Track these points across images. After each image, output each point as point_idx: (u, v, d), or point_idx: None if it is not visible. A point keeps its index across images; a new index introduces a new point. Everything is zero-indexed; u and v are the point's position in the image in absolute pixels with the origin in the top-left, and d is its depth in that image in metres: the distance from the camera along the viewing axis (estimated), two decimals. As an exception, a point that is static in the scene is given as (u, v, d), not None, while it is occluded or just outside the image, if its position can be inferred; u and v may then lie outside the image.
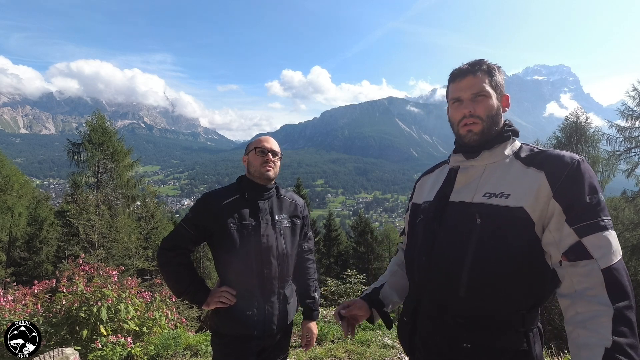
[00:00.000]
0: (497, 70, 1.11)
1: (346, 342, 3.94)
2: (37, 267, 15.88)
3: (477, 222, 1.01)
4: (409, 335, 1.19)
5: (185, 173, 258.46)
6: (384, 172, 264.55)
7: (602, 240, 0.88)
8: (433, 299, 1.10)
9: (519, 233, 0.96)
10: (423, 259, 1.12)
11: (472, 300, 1.01)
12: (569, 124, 13.68)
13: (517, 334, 1.00)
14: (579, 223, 0.90)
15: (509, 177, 1.02)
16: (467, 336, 1.02)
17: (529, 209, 0.96)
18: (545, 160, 1.00)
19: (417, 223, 1.22)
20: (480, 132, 1.08)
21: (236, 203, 1.61)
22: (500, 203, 0.99)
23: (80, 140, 16.71)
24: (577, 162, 0.96)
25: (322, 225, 24.74)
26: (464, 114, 1.08)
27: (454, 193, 1.11)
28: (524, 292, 0.99)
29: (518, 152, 1.08)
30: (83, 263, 4.32)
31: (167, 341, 3.64)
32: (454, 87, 1.11)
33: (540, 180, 0.97)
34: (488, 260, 0.98)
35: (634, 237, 11.31)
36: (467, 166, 1.11)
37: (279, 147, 1.74)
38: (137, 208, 18.46)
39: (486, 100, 1.07)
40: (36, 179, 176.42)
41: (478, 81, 1.07)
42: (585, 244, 0.89)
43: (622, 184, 13.55)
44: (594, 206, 0.91)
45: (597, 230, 0.89)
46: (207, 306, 1.59)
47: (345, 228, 35.09)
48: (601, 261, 0.87)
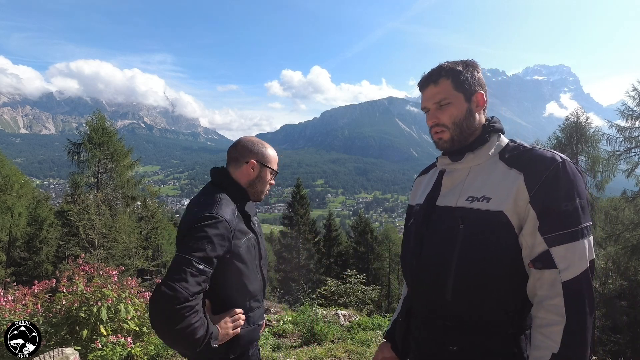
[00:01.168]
0: (465, 68, 1.06)
1: (346, 342, 3.94)
2: (37, 267, 15.87)
3: (460, 227, 1.01)
4: (403, 335, 1.21)
5: (185, 173, 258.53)
6: (384, 172, 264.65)
7: (570, 251, 0.90)
8: (423, 301, 1.11)
9: (501, 237, 0.96)
10: (413, 262, 1.13)
11: (459, 304, 1.01)
12: (569, 124, 13.68)
13: (506, 337, 0.99)
14: (550, 233, 0.91)
15: (492, 179, 1.02)
16: (455, 339, 1.02)
17: (509, 213, 0.95)
18: (527, 161, 0.98)
19: (409, 226, 1.23)
20: (450, 139, 1.08)
21: (237, 218, 1.38)
22: (481, 207, 0.99)
23: (81, 140, 16.71)
24: (557, 165, 0.93)
25: (322, 225, 24.74)
26: (429, 124, 1.10)
27: (440, 197, 1.11)
28: (510, 295, 0.99)
29: (503, 152, 1.05)
30: (83, 263, 4.32)
31: (167, 341, 3.63)
32: (422, 97, 1.12)
33: (519, 183, 0.96)
34: (472, 265, 0.98)
35: (634, 237, 11.30)
36: (452, 169, 1.11)
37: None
38: (137, 208, 18.47)
39: (450, 108, 1.06)
40: (36, 179, 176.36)
41: (439, 89, 1.06)
42: (552, 254, 0.91)
43: (622, 184, 13.56)
44: (569, 214, 0.91)
45: (566, 240, 0.90)
46: (225, 339, 1.31)
47: (345, 228, 35.12)
48: (564, 273, 0.89)
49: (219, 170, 1.50)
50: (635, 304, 10.93)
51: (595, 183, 13.25)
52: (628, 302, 11.17)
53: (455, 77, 1.05)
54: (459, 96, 1.06)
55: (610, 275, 11.95)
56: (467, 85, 1.06)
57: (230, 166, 1.50)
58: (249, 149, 1.48)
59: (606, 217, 12.42)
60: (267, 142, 1.57)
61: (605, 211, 12.52)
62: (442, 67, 1.07)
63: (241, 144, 1.49)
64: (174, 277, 1.12)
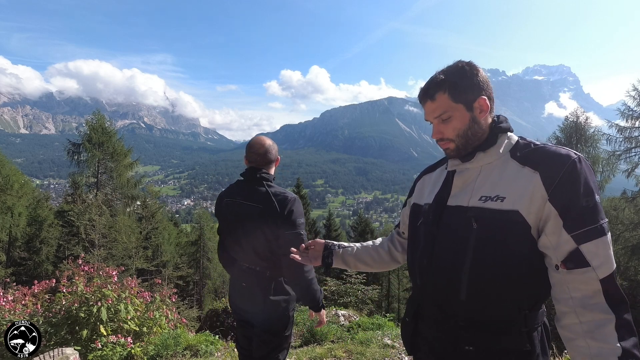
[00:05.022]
0: (462, 74, 1.03)
1: (346, 342, 3.94)
2: (37, 267, 15.86)
3: (473, 227, 1.00)
4: (411, 336, 1.20)
5: (185, 173, 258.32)
6: (384, 172, 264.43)
7: (600, 247, 0.88)
8: (435, 301, 1.10)
9: (516, 236, 0.95)
10: (424, 262, 1.12)
11: (473, 304, 1.00)
12: (569, 124, 13.68)
13: (519, 335, 0.99)
14: (577, 230, 0.89)
15: (505, 178, 1.00)
16: (469, 338, 1.02)
17: (524, 212, 0.94)
18: (540, 159, 0.97)
19: (417, 226, 1.21)
20: (456, 149, 1.08)
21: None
22: (495, 207, 0.97)
23: (80, 140, 16.72)
24: (573, 161, 0.93)
25: (322, 225, 24.72)
26: (435, 138, 1.10)
27: (452, 197, 1.10)
28: (525, 293, 0.98)
29: (514, 149, 1.04)
30: (83, 263, 4.32)
31: (167, 341, 3.64)
32: (424, 110, 1.11)
33: (535, 182, 0.94)
34: (487, 264, 0.98)
35: (634, 237, 11.31)
36: (463, 169, 1.10)
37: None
38: (137, 208, 18.46)
39: (452, 121, 1.05)
40: (36, 179, 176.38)
41: (437, 105, 1.05)
42: (583, 251, 0.89)
43: (622, 184, 13.56)
44: (591, 210, 0.90)
45: (594, 236, 0.88)
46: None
47: (345, 228, 35.13)
48: (599, 270, 0.88)
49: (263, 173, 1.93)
50: (635, 304, 10.93)
51: (596, 183, 13.24)
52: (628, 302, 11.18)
53: (452, 88, 1.03)
54: (459, 107, 1.04)
55: (610, 275, 11.96)
56: (466, 94, 1.03)
57: (269, 167, 1.93)
58: (277, 149, 1.96)
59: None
60: None
61: (605, 211, 12.46)
62: (437, 81, 1.04)
63: (275, 148, 1.94)
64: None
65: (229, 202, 1.91)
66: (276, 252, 1.77)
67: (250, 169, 1.89)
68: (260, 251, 1.79)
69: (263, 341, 1.83)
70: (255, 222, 1.78)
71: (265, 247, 1.78)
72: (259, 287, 1.81)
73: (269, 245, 1.77)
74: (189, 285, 21.14)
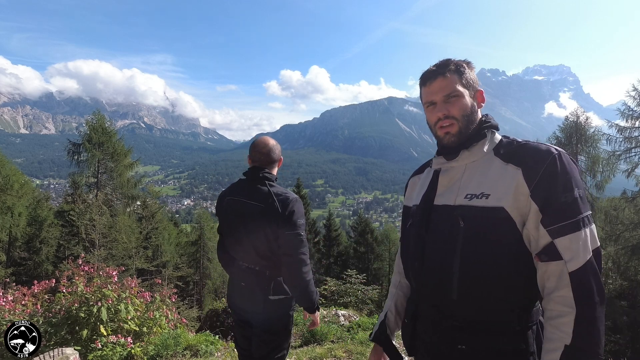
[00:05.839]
0: (467, 66, 1.09)
1: (346, 342, 3.94)
2: (37, 267, 15.85)
3: (460, 225, 1.01)
4: (410, 337, 1.21)
5: (185, 173, 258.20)
6: (384, 172, 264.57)
7: (573, 241, 0.91)
8: (429, 302, 1.11)
9: (503, 233, 0.97)
10: (416, 264, 1.13)
11: (465, 303, 1.01)
12: (569, 124, 13.67)
13: (514, 334, 1.00)
14: (553, 224, 0.92)
15: (489, 175, 1.02)
16: (463, 338, 1.02)
17: (509, 208, 0.96)
18: (523, 156, 0.99)
19: (407, 228, 1.22)
20: (458, 132, 1.07)
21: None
22: (481, 204, 0.99)
23: (80, 140, 16.68)
24: (554, 157, 0.95)
25: (322, 225, 24.71)
26: (438, 116, 1.08)
27: (438, 196, 1.11)
28: (517, 291, 0.99)
29: (498, 148, 1.06)
30: (83, 263, 4.32)
31: (167, 341, 3.64)
32: (426, 91, 1.10)
33: (518, 178, 0.96)
34: (476, 263, 0.98)
35: (634, 237, 11.29)
36: (448, 168, 1.11)
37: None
38: (138, 208, 18.45)
39: (459, 100, 1.06)
40: (36, 179, 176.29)
41: (448, 82, 1.06)
42: (557, 245, 0.92)
43: (622, 184, 13.55)
44: (570, 205, 0.92)
45: (570, 231, 0.91)
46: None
47: (345, 228, 35.11)
48: (570, 264, 0.90)
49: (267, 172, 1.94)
50: (635, 304, 10.92)
51: (595, 183, 13.23)
52: (628, 302, 11.16)
53: (462, 72, 1.07)
54: (465, 92, 1.07)
55: (610, 275, 11.94)
56: (471, 82, 1.08)
57: (272, 167, 1.95)
58: (280, 149, 1.99)
59: (606, 217, 12.40)
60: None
61: (605, 211, 12.49)
62: (451, 61, 1.08)
63: (278, 148, 1.96)
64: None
65: (230, 201, 1.91)
66: (276, 251, 1.77)
67: (253, 168, 1.90)
68: (260, 250, 1.79)
69: (263, 341, 1.83)
70: (256, 220, 1.78)
71: (265, 247, 1.78)
72: (259, 287, 1.81)
73: (269, 245, 1.77)
74: (189, 285, 21.14)
